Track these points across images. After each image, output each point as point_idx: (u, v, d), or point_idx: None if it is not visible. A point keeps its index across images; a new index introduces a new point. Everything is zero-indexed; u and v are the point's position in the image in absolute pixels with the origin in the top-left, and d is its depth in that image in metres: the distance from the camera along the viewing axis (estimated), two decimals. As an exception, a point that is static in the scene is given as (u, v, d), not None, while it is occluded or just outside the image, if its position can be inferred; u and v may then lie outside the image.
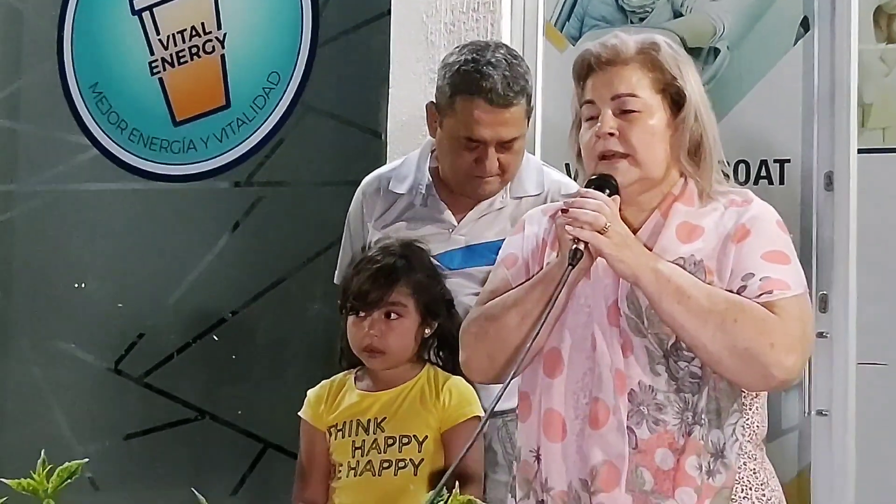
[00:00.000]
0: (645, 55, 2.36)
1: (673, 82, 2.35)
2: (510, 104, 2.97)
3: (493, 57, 3.00)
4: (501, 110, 2.97)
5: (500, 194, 3.08)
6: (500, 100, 2.96)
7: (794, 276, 2.28)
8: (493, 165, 3.01)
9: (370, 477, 2.78)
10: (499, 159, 3.01)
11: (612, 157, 2.33)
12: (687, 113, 2.34)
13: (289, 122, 4.40)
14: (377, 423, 2.81)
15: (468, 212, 3.09)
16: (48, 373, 4.67)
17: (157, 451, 4.51)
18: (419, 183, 3.15)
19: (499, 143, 3.00)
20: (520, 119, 3.01)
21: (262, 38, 4.45)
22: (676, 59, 2.38)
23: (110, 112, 4.62)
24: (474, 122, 2.98)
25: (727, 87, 3.72)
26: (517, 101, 2.98)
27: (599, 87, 2.36)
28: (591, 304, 2.33)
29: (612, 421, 2.27)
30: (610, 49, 2.37)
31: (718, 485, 2.25)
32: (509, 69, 2.98)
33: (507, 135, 2.99)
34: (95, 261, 4.66)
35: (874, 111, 3.71)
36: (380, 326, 2.83)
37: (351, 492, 2.81)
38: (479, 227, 3.07)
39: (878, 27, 3.73)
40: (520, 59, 3.06)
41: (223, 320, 4.47)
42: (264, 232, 4.46)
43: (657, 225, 2.35)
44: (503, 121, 2.98)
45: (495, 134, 2.98)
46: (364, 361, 2.87)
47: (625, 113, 2.33)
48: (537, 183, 3.11)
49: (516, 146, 3.02)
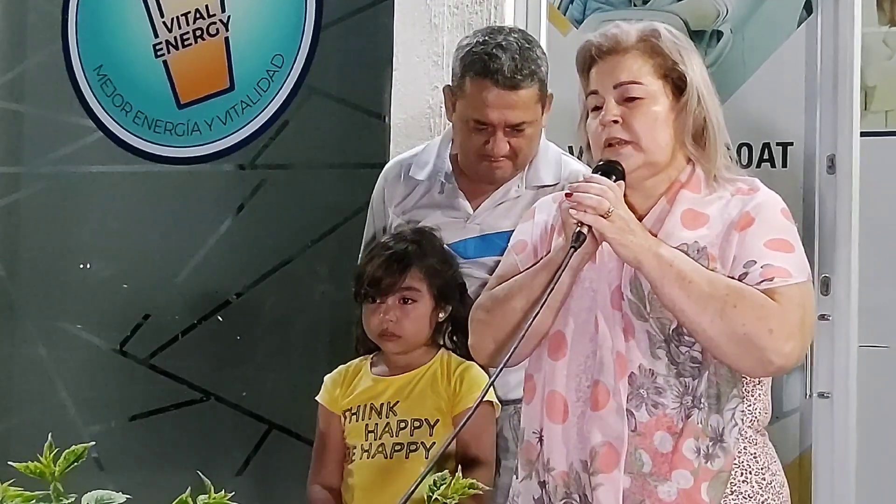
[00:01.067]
0: (645, 42, 2.37)
1: (674, 67, 2.36)
2: (518, 87, 2.96)
3: (504, 40, 3.00)
4: (509, 92, 2.96)
5: (515, 183, 3.08)
6: (507, 82, 2.95)
7: (796, 264, 2.29)
8: (502, 148, 3.00)
9: (382, 459, 2.82)
10: (509, 143, 3.00)
11: (617, 144, 2.34)
12: (689, 97, 2.36)
13: (293, 104, 4.40)
14: (390, 407, 2.85)
15: (484, 200, 3.09)
16: (54, 354, 4.68)
17: (162, 432, 4.53)
18: (438, 170, 3.15)
19: (508, 127, 2.99)
20: (529, 103, 2.99)
21: (265, 21, 4.45)
22: (677, 45, 2.39)
23: (115, 94, 4.62)
24: (482, 104, 2.98)
25: (730, 70, 3.73)
26: (526, 85, 2.97)
27: (602, 76, 2.38)
28: (596, 287, 2.35)
29: (612, 403, 2.28)
30: (610, 38, 2.38)
31: (716, 468, 2.26)
32: (520, 52, 2.97)
33: (514, 118, 2.98)
34: (100, 243, 4.67)
35: (877, 94, 3.71)
36: (395, 312, 2.86)
37: (363, 474, 2.84)
38: (494, 217, 3.07)
39: (882, 10, 3.74)
40: (534, 44, 3.05)
41: (228, 302, 4.48)
42: (268, 214, 4.46)
43: (663, 211, 2.36)
44: (511, 103, 2.97)
45: (502, 116, 2.98)
46: (381, 346, 2.91)
47: (628, 100, 2.35)
48: (554, 173, 3.09)
49: (528, 131, 3.01)
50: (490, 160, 3.03)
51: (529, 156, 3.06)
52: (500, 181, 3.08)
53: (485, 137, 3.01)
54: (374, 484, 2.82)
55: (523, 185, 3.08)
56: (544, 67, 3.02)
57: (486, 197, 3.09)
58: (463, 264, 3.02)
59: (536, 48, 3.03)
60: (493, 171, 3.06)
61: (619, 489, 2.27)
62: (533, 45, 3.03)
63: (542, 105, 3.03)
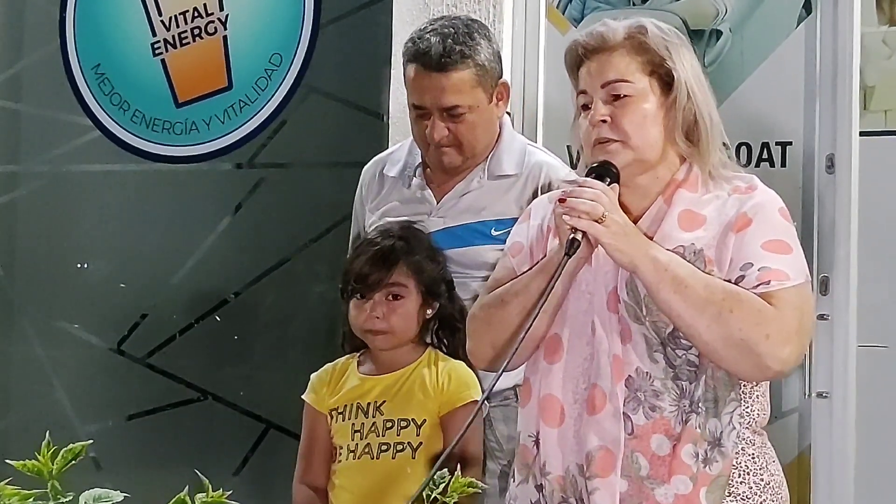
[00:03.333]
0: (632, 39, 2.36)
1: (662, 64, 2.35)
2: (445, 69, 2.93)
3: (441, 26, 2.98)
4: (438, 75, 2.94)
5: (477, 174, 3.05)
6: (435, 64, 2.93)
7: (794, 266, 2.27)
8: (439, 132, 2.97)
9: (369, 460, 2.80)
10: (448, 128, 2.97)
11: (607, 142, 2.33)
12: (678, 93, 2.34)
13: (291, 103, 4.40)
14: (376, 407, 2.83)
15: (448, 193, 3.08)
16: (51, 353, 4.68)
17: (159, 431, 4.53)
18: (409, 165, 3.14)
19: (444, 112, 2.96)
20: (463, 87, 2.95)
21: (264, 20, 4.45)
22: (665, 40, 2.37)
23: (112, 93, 4.62)
24: (415, 88, 2.98)
25: (729, 69, 3.72)
26: (456, 67, 2.93)
27: (589, 75, 2.36)
28: (592, 290, 2.34)
29: (609, 407, 2.27)
30: (596, 37, 2.37)
31: (715, 473, 2.25)
32: (454, 36, 2.94)
33: (446, 101, 2.94)
34: (98, 242, 4.67)
35: (876, 94, 3.71)
36: (381, 308, 2.84)
37: (350, 474, 2.83)
38: (458, 209, 3.05)
39: (881, 10, 3.73)
40: (476, 30, 3.00)
41: (225, 301, 4.48)
42: (266, 213, 4.47)
43: (660, 212, 2.35)
44: (441, 86, 2.94)
45: (434, 99, 2.95)
46: (367, 342, 2.88)
47: (616, 99, 2.33)
48: (517, 163, 3.05)
49: (470, 117, 2.97)
50: (435, 146, 3.01)
51: (477, 143, 3.02)
52: (450, 168, 3.05)
53: (425, 122, 2.99)
54: (360, 485, 2.81)
55: (485, 175, 3.05)
56: (485, 53, 2.97)
57: (450, 190, 3.07)
58: None
59: (477, 34, 2.99)
60: (439, 157, 3.03)
61: (616, 493, 2.26)
62: (473, 31, 2.99)
63: (487, 92, 2.99)
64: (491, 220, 3.00)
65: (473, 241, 2.98)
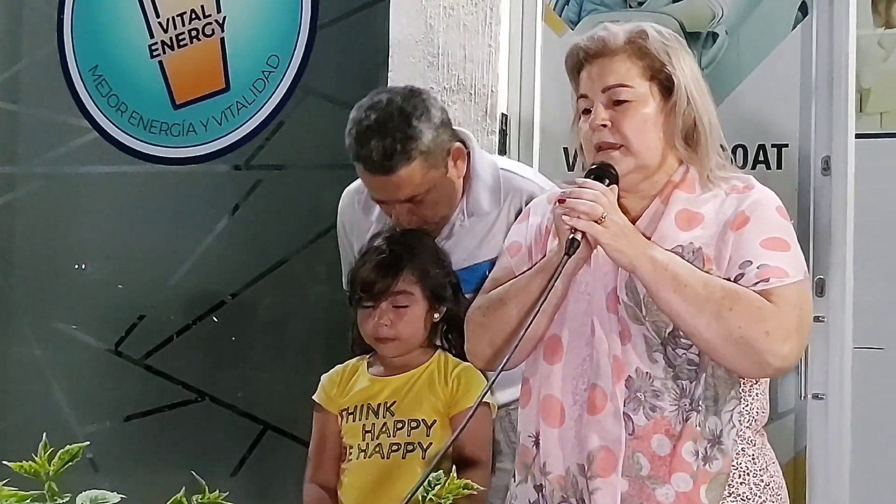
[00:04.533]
0: (632, 44, 2.36)
1: (662, 69, 2.36)
2: (391, 171, 2.83)
3: (378, 119, 2.85)
4: (385, 178, 2.86)
5: (458, 217, 3.00)
6: (379, 169, 2.85)
7: (792, 263, 2.28)
8: (406, 219, 2.93)
9: (379, 459, 2.81)
10: (414, 211, 2.92)
11: (608, 148, 2.34)
12: (678, 97, 2.35)
13: (288, 105, 4.40)
14: (387, 408, 2.84)
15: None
16: (49, 354, 4.69)
17: (156, 432, 4.53)
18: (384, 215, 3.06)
19: (399, 202, 2.91)
20: (412, 180, 2.86)
21: (261, 22, 4.45)
22: (665, 45, 2.38)
23: (110, 95, 4.63)
24: (367, 185, 2.93)
25: (725, 71, 3.73)
26: (401, 166, 2.83)
27: (590, 80, 2.38)
28: (591, 291, 2.35)
29: (609, 407, 2.28)
30: (597, 41, 2.38)
31: (715, 471, 2.26)
32: (394, 135, 2.83)
33: (401, 195, 2.88)
34: (96, 243, 4.67)
35: (872, 96, 3.71)
36: (389, 316, 2.85)
37: (360, 472, 2.84)
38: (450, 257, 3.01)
39: (877, 12, 3.74)
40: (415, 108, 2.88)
41: (223, 302, 4.49)
42: (264, 215, 4.47)
43: (657, 212, 2.36)
44: (391, 185, 2.87)
45: (388, 195, 2.90)
46: (376, 350, 2.90)
47: (617, 103, 2.34)
48: (491, 199, 2.99)
49: (429, 198, 2.91)
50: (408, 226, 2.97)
51: (443, 212, 2.97)
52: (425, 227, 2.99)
53: (388, 209, 2.96)
54: (370, 484, 2.82)
55: (465, 217, 3.00)
56: (427, 137, 2.85)
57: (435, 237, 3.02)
58: None
59: (416, 119, 2.86)
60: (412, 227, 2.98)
61: (617, 493, 2.27)
62: (411, 117, 2.85)
63: (440, 167, 2.91)
64: (483, 263, 2.94)
65: (470, 289, 2.92)
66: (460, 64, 3.95)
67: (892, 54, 3.71)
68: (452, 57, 3.96)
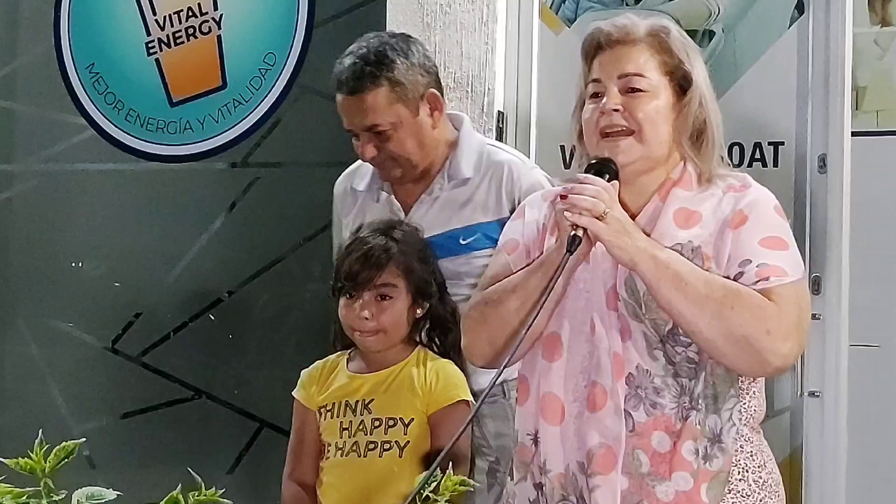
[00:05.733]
0: (654, 37, 2.37)
1: (680, 66, 2.36)
2: (358, 91, 2.98)
3: (357, 48, 3.02)
4: (354, 98, 2.99)
5: (438, 182, 3.07)
6: (348, 88, 2.99)
7: (791, 262, 2.29)
8: (368, 153, 3.01)
9: (356, 458, 2.80)
10: (378, 147, 3.01)
11: (616, 134, 2.33)
12: (692, 97, 2.35)
13: (285, 103, 4.41)
14: (364, 405, 2.83)
15: (414, 205, 3.10)
16: (45, 352, 4.68)
17: (153, 430, 4.53)
18: (374, 180, 3.16)
19: (367, 131, 3.00)
20: (379, 106, 2.99)
21: (258, 19, 4.45)
22: (685, 45, 2.39)
23: (107, 92, 4.62)
24: (341, 112, 3.04)
25: (722, 69, 3.73)
26: (369, 89, 2.97)
27: (607, 64, 2.37)
28: (591, 288, 2.34)
29: (610, 404, 2.28)
30: (620, 28, 2.37)
31: (715, 469, 2.26)
32: (366, 58, 2.99)
33: (368, 121, 2.99)
34: (92, 241, 4.67)
35: (868, 94, 3.72)
36: (371, 308, 2.83)
37: (337, 472, 2.82)
38: (427, 220, 3.06)
39: (873, 10, 3.74)
40: (393, 45, 3.03)
41: (220, 300, 4.49)
42: (261, 212, 4.47)
43: (656, 209, 2.35)
44: (359, 108, 2.99)
45: (356, 121, 3.00)
46: (356, 342, 2.88)
47: (630, 92, 2.34)
48: (475, 165, 3.07)
49: (393, 134, 3.00)
50: (375, 165, 3.06)
51: (411, 155, 3.04)
52: (395, 180, 3.08)
53: (357, 146, 3.05)
54: (347, 483, 2.80)
55: (445, 181, 3.07)
56: (401, 70, 3.00)
57: (416, 201, 3.10)
58: None
59: (392, 51, 3.01)
60: (381, 172, 3.09)
61: (617, 490, 2.27)
62: (387, 50, 3.01)
63: (410, 106, 3.01)
64: (459, 229, 3.03)
65: (445, 254, 2.98)
66: (457, 61, 3.96)
67: (889, 52, 3.71)
68: (449, 55, 3.96)
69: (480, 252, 2.99)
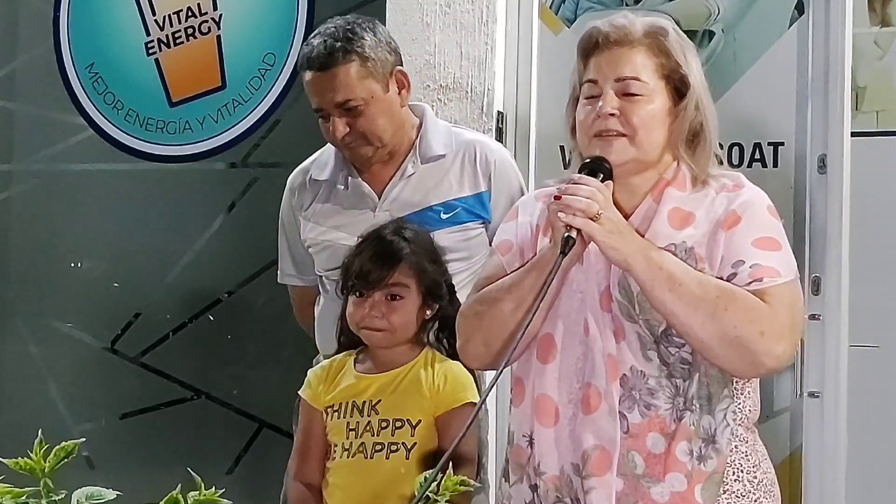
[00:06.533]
0: (652, 39, 2.35)
1: (677, 69, 2.35)
2: (328, 66, 3.00)
3: (325, 28, 3.06)
4: (324, 74, 3.01)
5: (410, 160, 3.10)
6: (317, 64, 3.01)
7: (784, 263, 2.28)
8: (340, 130, 3.02)
9: (362, 459, 2.78)
10: (350, 124, 3.02)
11: (610, 136, 2.33)
12: (689, 101, 2.35)
13: (284, 103, 4.41)
14: (372, 406, 2.82)
15: (386, 186, 3.11)
16: (44, 352, 4.69)
17: (152, 430, 4.53)
18: (339, 167, 3.17)
19: (339, 108, 3.02)
20: (350, 80, 3.01)
21: (257, 19, 4.45)
22: (683, 47, 2.38)
23: (106, 93, 4.63)
24: (310, 91, 3.06)
25: (722, 70, 3.73)
26: (338, 63, 2.99)
27: (604, 66, 2.36)
28: (584, 289, 2.34)
29: (604, 406, 2.27)
30: (619, 29, 2.36)
31: (709, 470, 2.26)
32: (334, 34, 3.02)
33: (338, 98, 3.01)
34: (91, 241, 4.67)
35: (868, 94, 3.71)
36: (381, 307, 2.82)
37: (343, 473, 2.81)
38: (401, 200, 3.08)
39: (873, 10, 3.74)
40: (360, 24, 3.06)
41: (219, 300, 4.49)
42: (260, 213, 4.46)
43: (649, 210, 2.35)
44: (330, 85, 3.01)
45: (327, 99, 3.02)
46: (364, 339, 2.87)
47: (627, 95, 2.33)
48: (445, 143, 3.11)
49: (365, 109, 3.02)
50: (343, 144, 3.07)
51: (382, 133, 3.06)
52: (367, 160, 3.09)
53: (328, 126, 3.06)
54: (353, 484, 2.79)
55: (417, 160, 3.10)
56: (370, 46, 3.02)
57: (387, 183, 3.11)
58: None
59: (360, 29, 3.04)
60: (352, 152, 3.09)
61: (612, 492, 2.26)
62: (355, 27, 3.04)
63: (381, 81, 3.04)
64: (437, 205, 3.07)
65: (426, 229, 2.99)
66: (456, 62, 3.95)
67: (888, 52, 3.71)
68: (449, 55, 3.96)
69: (462, 226, 3.06)
